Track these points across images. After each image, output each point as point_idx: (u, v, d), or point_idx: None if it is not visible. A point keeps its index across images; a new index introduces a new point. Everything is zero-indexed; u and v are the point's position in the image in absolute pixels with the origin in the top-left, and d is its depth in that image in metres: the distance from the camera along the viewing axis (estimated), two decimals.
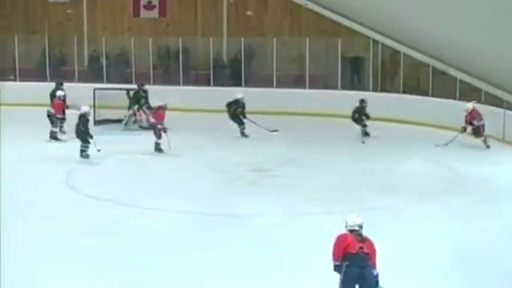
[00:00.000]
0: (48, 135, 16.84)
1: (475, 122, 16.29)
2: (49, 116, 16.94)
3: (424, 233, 10.47)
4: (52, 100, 17.78)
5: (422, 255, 9.56)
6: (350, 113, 19.56)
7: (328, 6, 21.13)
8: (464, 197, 12.50)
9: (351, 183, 13.42)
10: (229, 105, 17.69)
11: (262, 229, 10.67)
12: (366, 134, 17.44)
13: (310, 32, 21.38)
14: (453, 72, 18.82)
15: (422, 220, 11.11)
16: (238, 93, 18.02)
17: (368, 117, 17.50)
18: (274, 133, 17.36)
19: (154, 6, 22.93)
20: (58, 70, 22.60)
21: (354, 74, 21.79)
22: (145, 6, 22.96)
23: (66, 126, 17.44)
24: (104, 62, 22.41)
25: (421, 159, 15.38)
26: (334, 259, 7.35)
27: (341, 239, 7.38)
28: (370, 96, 20.11)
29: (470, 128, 16.42)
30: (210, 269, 9.01)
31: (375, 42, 20.59)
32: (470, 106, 16.50)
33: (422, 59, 19.67)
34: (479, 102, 17.88)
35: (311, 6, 21.46)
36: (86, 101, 18.64)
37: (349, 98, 20.17)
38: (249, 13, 22.34)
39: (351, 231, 7.43)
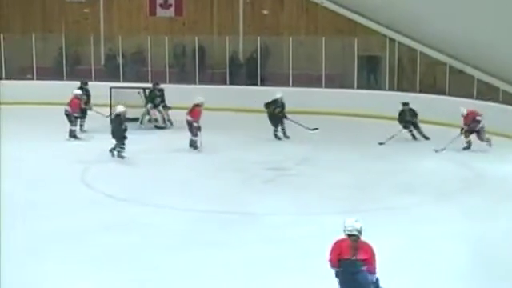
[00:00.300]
0: (67, 134, 16.83)
1: (478, 118, 15.77)
2: (67, 115, 16.94)
3: (440, 232, 10.39)
4: None
5: (436, 254, 9.50)
6: (366, 112, 19.66)
7: (344, 4, 21.05)
8: (482, 196, 12.39)
9: (368, 182, 13.36)
10: (267, 105, 17.38)
11: (276, 228, 10.63)
12: (425, 137, 17.11)
13: (326, 31, 21.30)
14: (470, 71, 18.68)
15: (438, 219, 11.03)
16: (276, 92, 17.58)
17: (416, 118, 17.21)
18: (315, 131, 17.21)
19: (170, 5, 22.96)
20: (74, 69, 22.72)
21: (370, 73, 21.68)
22: (161, 5, 23.00)
23: (86, 124, 17.56)
24: (120, 60, 22.47)
25: (438, 158, 15.27)
26: (331, 266, 7.19)
27: (336, 245, 7.19)
28: (386, 95, 20.10)
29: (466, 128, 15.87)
30: (222, 267, 8.99)
31: (392, 40, 20.48)
32: (464, 110, 16.08)
33: (438, 58, 19.55)
34: (496, 101, 17.78)
35: (327, 4, 21.39)
36: (102, 100, 18.92)
37: (365, 98, 20.18)
38: (265, 12, 22.31)
39: (349, 236, 7.17)
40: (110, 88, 19.41)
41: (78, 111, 17.14)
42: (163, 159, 15.26)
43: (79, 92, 17.62)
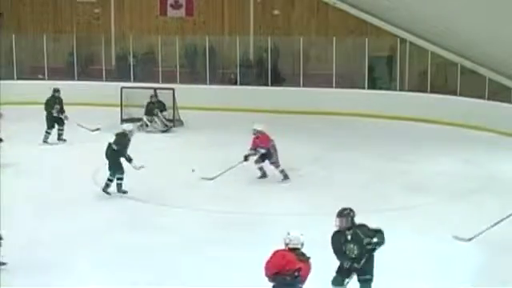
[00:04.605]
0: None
1: (261, 150, 13.44)
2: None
3: (453, 233, 10.36)
4: None
5: (450, 256, 9.48)
6: (377, 112, 19.51)
7: (355, 4, 21.02)
8: (495, 197, 12.33)
9: (380, 182, 13.35)
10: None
11: (287, 228, 10.58)
12: None
13: (336, 31, 21.26)
14: (482, 71, 18.61)
15: (451, 220, 11.00)
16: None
17: None
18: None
19: (181, 5, 22.98)
20: (85, 69, 22.78)
21: (381, 74, 21.62)
22: (172, 5, 23.01)
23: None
24: (131, 60, 22.50)
25: (450, 158, 15.22)
26: (267, 275, 6.94)
27: (278, 255, 6.95)
28: (398, 95, 20.07)
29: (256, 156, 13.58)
30: (234, 268, 8.99)
31: (403, 40, 20.43)
32: (259, 127, 13.63)
33: (450, 58, 19.49)
34: (508, 101, 17.69)
35: (339, 4, 21.37)
36: (113, 100, 18.95)
37: (376, 98, 20.14)
38: (276, 12, 22.30)
39: (293, 249, 6.96)
40: (121, 88, 19.49)
41: None
42: (174, 159, 15.28)
43: None
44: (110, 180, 12.37)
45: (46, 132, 16.67)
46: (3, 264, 8.88)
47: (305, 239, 7.02)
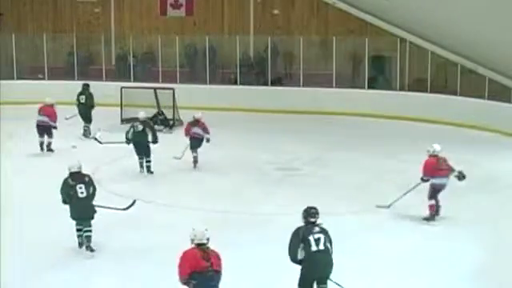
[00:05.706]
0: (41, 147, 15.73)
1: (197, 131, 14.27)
2: (41, 126, 15.59)
3: (451, 232, 10.37)
4: None
5: (447, 254, 9.48)
6: (376, 112, 19.47)
7: (355, 4, 21.02)
8: (493, 195, 12.33)
9: (378, 182, 13.34)
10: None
11: (286, 228, 10.57)
12: None
13: (336, 31, 21.28)
14: (482, 71, 18.61)
15: (448, 219, 10.99)
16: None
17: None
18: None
19: (181, 5, 22.99)
20: (85, 69, 22.78)
21: (381, 73, 21.63)
22: (172, 5, 23.03)
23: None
24: (131, 60, 22.51)
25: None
26: (181, 277, 6.93)
27: (188, 256, 6.94)
28: (398, 95, 20.06)
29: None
30: (233, 268, 8.91)
31: (402, 40, 20.43)
32: (199, 115, 14.53)
33: (450, 58, 19.48)
34: (508, 101, 17.69)
35: (339, 4, 21.37)
36: (113, 99, 18.95)
37: (376, 98, 20.15)
38: (275, 11, 22.31)
39: (199, 245, 6.99)
40: (121, 88, 19.50)
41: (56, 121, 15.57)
42: (174, 158, 15.25)
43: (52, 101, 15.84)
44: (148, 161, 13.81)
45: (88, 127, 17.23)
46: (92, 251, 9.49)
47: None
